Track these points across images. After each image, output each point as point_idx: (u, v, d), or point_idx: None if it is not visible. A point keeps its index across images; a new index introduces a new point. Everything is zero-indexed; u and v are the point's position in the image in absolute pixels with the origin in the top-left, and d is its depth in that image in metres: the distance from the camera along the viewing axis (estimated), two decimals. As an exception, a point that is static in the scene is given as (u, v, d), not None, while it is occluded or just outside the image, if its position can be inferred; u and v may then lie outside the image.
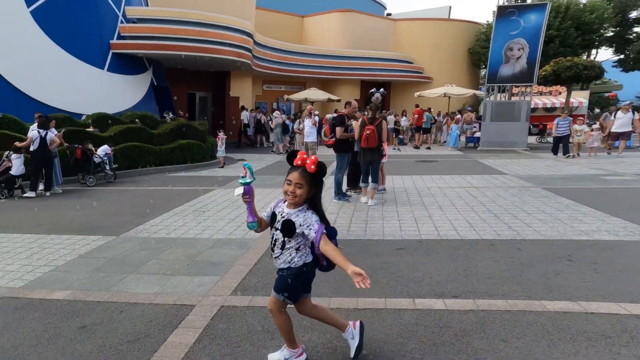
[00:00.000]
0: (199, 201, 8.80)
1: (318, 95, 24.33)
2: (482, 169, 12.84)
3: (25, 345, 3.43)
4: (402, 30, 32.82)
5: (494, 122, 18.90)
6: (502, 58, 18.80)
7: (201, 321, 3.71)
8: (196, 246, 5.82)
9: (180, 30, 17.44)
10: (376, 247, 5.65)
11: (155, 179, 12.18)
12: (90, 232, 6.60)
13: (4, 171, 9.76)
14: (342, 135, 8.28)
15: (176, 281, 4.62)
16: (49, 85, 14.76)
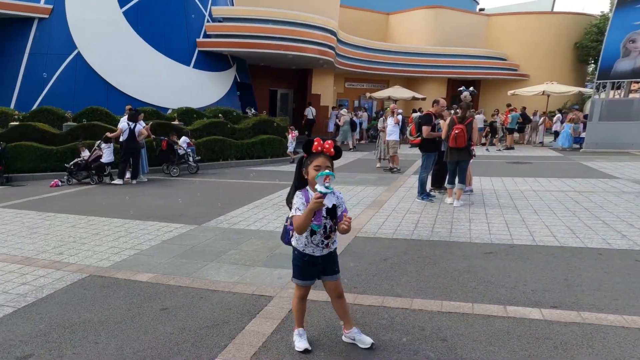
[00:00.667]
0: (278, 195, 8.91)
1: (402, 93, 23.93)
2: (587, 172, 11.86)
3: (111, 321, 3.60)
4: (496, 26, 31.22)
5: (604, 122, 17.28)
6: (620, 51, 17.12)
7: (279, 312, 3.69)
8: (276, 239, 5.83)
9: (265, 29, 17.97)
10: (462, 249, 5.36)
11: (236, 172, 12.59)
12: (173, 220, 6.89)
13: (95, 159, 10.61)
14: (428, 134, 8.12)
15: (255, 272, 4.66)
16: (138, 80, 15.90)
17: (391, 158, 12.34)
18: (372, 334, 3.29)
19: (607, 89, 17.89)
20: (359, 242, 5.73)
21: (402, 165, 12.72)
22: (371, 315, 3.66)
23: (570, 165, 13.49)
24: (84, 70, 15.71)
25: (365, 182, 10.49)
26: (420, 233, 6.08)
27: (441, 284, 4.30)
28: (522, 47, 29.89)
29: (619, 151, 16.65)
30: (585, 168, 12.63)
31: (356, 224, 6.58)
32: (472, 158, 7.99)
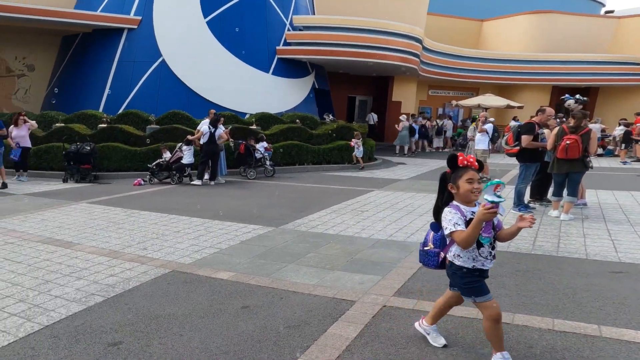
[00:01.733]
0: (356, 201, 8.87)
1: (494, 101, 23.00)
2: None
3: (194, 315, 3.73)
4: (626, 29, 28.53)
5: None
6: None
7: (362, 317, 3.63)
8: (355, 244, 5.83)
9: (344, 37, 18.20)
10: (577, 266, 4.99)
11: (312, 176, 12.74)
12: (251, 222, 7.05)
13: (176, 160, 11.20)
14: (530, 144, 7.73)
15: (335, 276, 4.64)
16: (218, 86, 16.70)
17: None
18: (470, 347, 3.15)
19: None
20: (445, 252, 5.52)
21: (492, 175, 12.24)
22: (466, 327, 3.50)
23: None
24: (168, 77, 16.77)
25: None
26: (519, 246, 5.75)
27: (549, 300, 4.03)
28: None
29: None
30: None
31: (443, 234, 6.36)
32: (587, 170, 7.49)
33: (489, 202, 2.61)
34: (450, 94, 27.73)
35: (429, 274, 4.69)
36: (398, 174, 13.29)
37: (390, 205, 8.44)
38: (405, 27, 19.34)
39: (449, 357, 3.04)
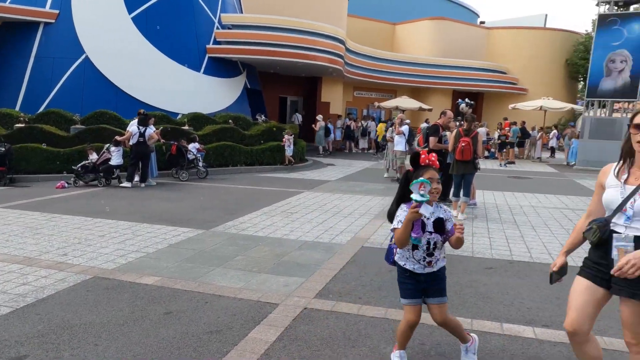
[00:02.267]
0: (286, 202, 8.96)
1: (409, 103, 24.01)
2: (579, 189, 12.14)
3: (113, 323, 3.63)
4: (496, 39, 31.48)
5: (593, 140, 17.47)
6: (603, 70, 17.38)
7: (283, 320, 3.72)
8: (283, 246, 5.92)
9: (274, 36, 18.09)
10: (465, 264, 5.41)
11: (245, 178, 12.68)
12: (181, 224, 6.94)
13: (104, 162, 10.71)
14: (435, 145, 8.17)
15: (261, 279, 4.70)
16: (148, 85, 16.01)
17: (399, 168, 12.39)
18: (375, 347, 3.33)
19: (595, 107, 18.09)
20: (366, 252, 5.76)
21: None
22: (373, 327, 3.68)
23: (564, 182, 13.65)
24: (93, 75, 15.83)
25: (373, 192, 10.52)
26: (427, 245, 6.09)
27: None
28: (520, 62, 30.17)
29: None
30: (578, 186, 12.83)
31: (364, 234, 6.62)
32: (476, 171, 8.03)
33: (414, 201, 2.60)
34: (373, 95, 28.47)
35: (348, 275, 4.89)
36: (327, 175, 13.54)
37: (319, 207, 8.61)
38: (330, 28, 19.56)
39: (356, 357, 3.19)
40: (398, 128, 12.19)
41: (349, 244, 6.08)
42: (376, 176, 13.43)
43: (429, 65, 28.16)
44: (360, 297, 4.30)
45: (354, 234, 6.63)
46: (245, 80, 19.30)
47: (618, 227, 2.38)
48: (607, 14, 17.75)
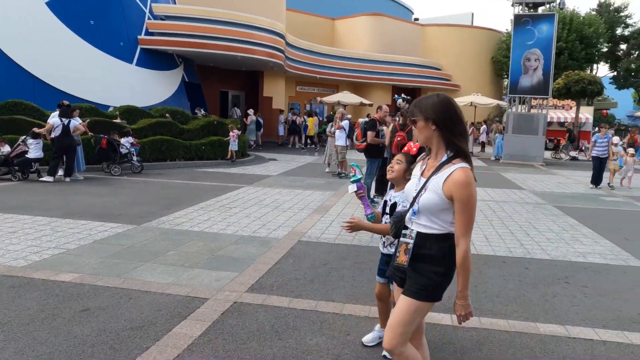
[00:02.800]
0: (225, 197, 8.78)
1: (350, 98, 24.27)
2: (503, 182, 12.76)
3: (15, 323, 3.38)
4: (429, 36, 32.63)
5: (515, 135, 18.51)
6: (522, 68, 18.40)
7: (211, 315, 3.63)
8: (219, 241, 5.79)
9: (211, 29, 17.62)
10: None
11: (184, 172, 12.32)
12: (110, 220, 6.62)
13: (19, 154, 9.93)
14: (373, 140, 8.25)
15: (193, 273, 4.57)
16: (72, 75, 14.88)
17: (339, 163, 12.47)
18: (302, 339, 3.32)
19: (517, 104, 19.09)
20: (302, 247, 5.73)
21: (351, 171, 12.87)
22: (302, 319, 3.68)
23: (492, 175, 14.28)
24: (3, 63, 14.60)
25: (313, 187, 10.54)
26: (361, 239, 6.16)
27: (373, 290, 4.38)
28: (452, 58, 31.43)
29: (527, 163, 17.83)
30: (502, 179, 13.49)
31: (301, 228, 6.60)
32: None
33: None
34: (315, 90, 28.53)
35: (282, 269, 4.85)
36: (269, 170, 13.42)
37: (258, 202, 8.50)
38: (268, 22, 19.34)
39: (282, 349, 3.17)
40: (339, 123, 12.25)
41: (285, 238, 6.03)
42: (318, 171, 13.47)
43: (369, 60, 28.58)
44: (293, 290, 4.28)
45: (291, 229, 6.58)
46: (183, 74, 18.73)
47: (408, 221, 2.29)
48: (521, 14, 18.70)
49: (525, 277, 4.95)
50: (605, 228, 7.38)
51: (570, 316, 3.98)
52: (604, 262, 5.59)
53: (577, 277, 4.99)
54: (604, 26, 33.53)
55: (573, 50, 30.19)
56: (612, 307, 4.21)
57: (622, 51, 38.93)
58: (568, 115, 27.28)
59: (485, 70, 32.69)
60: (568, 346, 3.43)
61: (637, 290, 4.67)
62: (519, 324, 3.76)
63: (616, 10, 38.81)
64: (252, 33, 18.49)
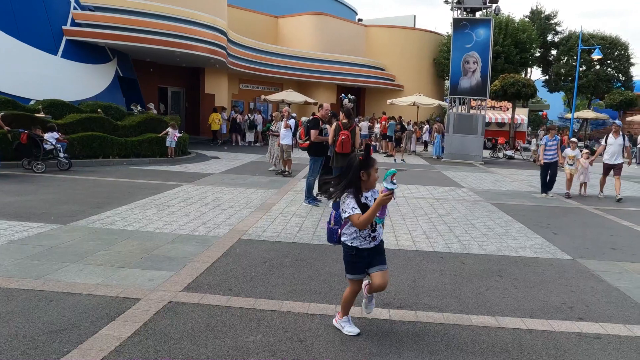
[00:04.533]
0: (164, 195, 8.46)
1: (295, 97, 24.25)
2: (444, 180, 13.17)
3: None
4: (373, 37, 33.37)
5: (456, 134, 19.28)
6: (461, 70, 19.19)
7: (143, 315, 3.46)
8: (154, 240, 5.56)
9: (146, 23, 16.93)
10: (338, 253, 5.47)
11: (118, 170, 11.76)
12: (30, 219, 6.19)
13: None
14: (316, 138, 8.27)
15: (125, 274, 4.35)
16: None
17: (284, 161, 12.40)
18: (238, 337, 3.25)
19: (457, 104, 19.91)
20: (242, 245, 5.62)
21: (295, 169, 12.85)
22: (240, 317, 3.59)
23: (433, 173, 14.76)
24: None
25: (257, 185, 10.39)
26: (303, 236, 6.15)
27: (313, 286, 4.39)
28: (395, 59, 32.36)
29: (466, 162, 18.64)
30: (443, 177, 13.97)
31: (242, 227, 6.47)
32: None
33: (387, 189, 2.97)
34: (260, 88, 28.40)
35: (221, 267, 4.74)
36: (211, 168, 13.11)
37: (198, 200, 8.27)
38: (209, 18, 18.92)
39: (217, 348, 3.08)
40: (286, 121, 12.20)
41: (226, 237, 5.90)
42: (261, 169, 13.31)
43: (314, 59, 28.74)
44: (231, 288, 4.17)
45: (232, 227, 6.44)
46: (117, 68, 17.89)
47: None
48: (460, 18, 19.41)
49: (461, 271, 5.10)
50: (536, 224, 7.76)
51: (501, 307, 4.14)
52: (534, 255, 5.87)
53: (509, 271, 5.20)
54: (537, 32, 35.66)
55: (509, 54, 31.91)
56: (539, 297, 4.42)
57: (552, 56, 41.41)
58: (505, 116, 28.67)
59: (428, 72, 33.76)
60: (497, 336, 3.58)
61: (561, 281, 4.93)
62: (453, 317, 3.87)
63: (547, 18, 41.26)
64: (192, 29, 18.02)
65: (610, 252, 6.20)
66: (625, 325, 3.87)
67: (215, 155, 16.51)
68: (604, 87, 37.07)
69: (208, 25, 18.82)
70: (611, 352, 3.40)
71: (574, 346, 3.47)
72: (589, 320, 3.96)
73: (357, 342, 3.32)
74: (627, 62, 38.01)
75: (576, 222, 8.16)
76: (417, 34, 34.60)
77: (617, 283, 4.93)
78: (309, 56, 28.73)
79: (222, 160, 15.42)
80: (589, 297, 4.51)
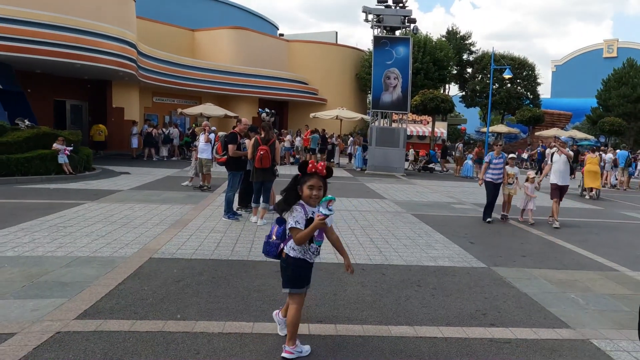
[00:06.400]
0: (59, 215, 7.79)
1: (214, 111, 23.83)
2: (367, 192, 13.44)
3: None
4: (295, 52, 34.09)
5: (378, 147, 20.00)
6: (382, 85, 20.06)
7: (16, 352, 3.11)
8: (43, 265, 5.07)
9: (35, 33, 15.91)
10: (257, 269, 5.42)
11: (0, 190, 10.67)
12: None
13: None
14: (234, 153, 8.21)
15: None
16: None
17: (203, 176, 12.10)
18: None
19: (379, 118, 20.76)
20: (153, 264, 5.31)
21: (214, 184, 12.54)
22: (146, 342, 3.37)
23: (357, 186, 15.08)
24: None
25: (172, 201, 9.95)
26: (221, 253, 5.96)
27: (230, 304, 4.25)
28: (318, 74, 33.31)
29: (389, 174, 19.39)
30: (366, 189, 14.31)
31: (154, 245, 6.14)
32: (275, 178, 8.27)
33: (322, 214, 3.08)
34: (176, 101, 27.87)
35: (127, 289, 4.44)
36: (119, 185, 12.39)
37: (104, 219, 7.72)
38: (115, 30, 18.26)
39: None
40: (207, 135, 11.95)
41: (134, 256, 5.56)
42: (177, 184, 12.81)
43: (233, 73, 28.73)
44: (137, 312, 3.90)
45: (142, 245, 6.09)
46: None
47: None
48: (380, 36, 20.29)
49: (382, 282, 5.16)
50: (454, 233, 8.08)
51: (419, 317, 4.23)
52: (451, 265, 6.08)
53: (428, 280, 5.34)
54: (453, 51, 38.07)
55: (428, 70, 33.82)
56: (455, 306, 4.57)
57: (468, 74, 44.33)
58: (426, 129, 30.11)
59: (350, 86, 34.86)
60: (415, 345, 3.66)
61: (476, 289, 5.14)
62: (373, 328, 3.91)
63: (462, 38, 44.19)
64: (96, 40, 17.26)
65: (520, 260, 6.59)
66: (532, 329, 4.12)
67: (125, 171, 15.65)
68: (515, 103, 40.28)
69: (114, 37, 18.12)
70: (519, 356, 3.59)
71: (485, 352, 3.62)
72: (501, 325, 4.16)
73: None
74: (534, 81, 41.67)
75: (491, 231, 8.61)
76: (339, 50, 35.73)
77: (526, 289, 5.23)
78: (228, 69, 28.64)
79: (132, 175, 14.66)
80: (500, 303, 4.74)
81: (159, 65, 24.06)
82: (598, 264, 6.64)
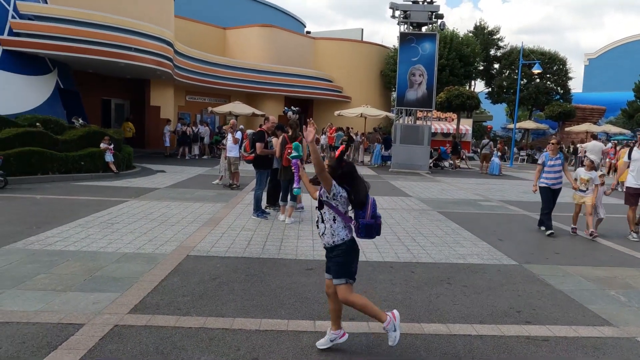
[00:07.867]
0: (107, 212, 8.22)
1: (242, 109, 24.08)
2: (392, 190, 13.41)
3: None
4: (321, 49, 34.03)
5: (403, 145, 19.95)
6: (407, 82, 19.94)
7: (87, 342, 3.39)
8: (98, 260, 5.41)
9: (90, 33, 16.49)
10: (288, 267, 5.57)
11: (59, 187, 11.28)
12: (-40, 243, 5.88)
13: None
14: (262, 151, 8.26)
15: (67, 297, 4.23)
16: None
17: (232, 174, 12.34)
18: (189, 359, 3.23)
19: (403, 115, 20.62)
20: (190, 261, 5.57)
21: (243, 182, 12.81)
22: (190, 337, 3.58)
23: (381, 183, 15.02)
24: None
25: (204, 199, 10.27)
26: (252, 251, 6.16)
27: (264, 302, 4.41)
28: (343, 71, 33.11)
29: (413, 171, 19.30)
30: (391, 187, 14.28)
31: (190, 243, 6.42)
32: None
33: None
34: (207, 100, 28.17)
35: (169, 286, 4.69)
36: (156, 183, 12.83)
37: (145, 216, 8.09)
38: (155, 29, 18.67)
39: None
40: (234, 134, 12.11)
41: (173, 253, 5.83)
42: (209, 183, 13.17)
43: (262, 71, 28.85)
44: (180, 308, 4.14)
45: (179, 243, 6.37)
46: (57, 80, 17.25)
47: None
48: (406, 32, 20.13)
49: (411, 280, 5.25)
50: (483, 231, 8.09)
51: (451, 314, 4.28)
52: (481, 262, 6.12)
53: (458, 278, 5.40)
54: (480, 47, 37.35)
55: (453, 67, 33.22)
56: (488, 303, 4.62)
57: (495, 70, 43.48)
58: (450, 126, 29.71)
59: (375, 83, 34.60)
60: (449, 343, 3.70)
61: (508, 286, 5.18)
62: (405, 325, 3.94)
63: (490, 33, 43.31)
64: (137, 39, 17.66)
65: (553, 257, 6.56)
66: (571, 327, 4.09)
67: (160, 169, 16.15)
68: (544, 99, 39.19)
69: (154, 36, 18.53)
70: (559, 354, 3.59)
71: (523, 349, 3.64)
72: (537, 323, 4.16)
73: (310, 356, 3.37)
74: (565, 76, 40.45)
75: (520, 229, 8.55)
76: (364, 47, 35.46)
77: (562, 286, 5.21)
78: (257, 68, 28.79)
79: (168, 174, 15.12)
80: (535, 300, 4.75)
81: (192, 63, 24.35)
82: (638, 260, 6.53)
